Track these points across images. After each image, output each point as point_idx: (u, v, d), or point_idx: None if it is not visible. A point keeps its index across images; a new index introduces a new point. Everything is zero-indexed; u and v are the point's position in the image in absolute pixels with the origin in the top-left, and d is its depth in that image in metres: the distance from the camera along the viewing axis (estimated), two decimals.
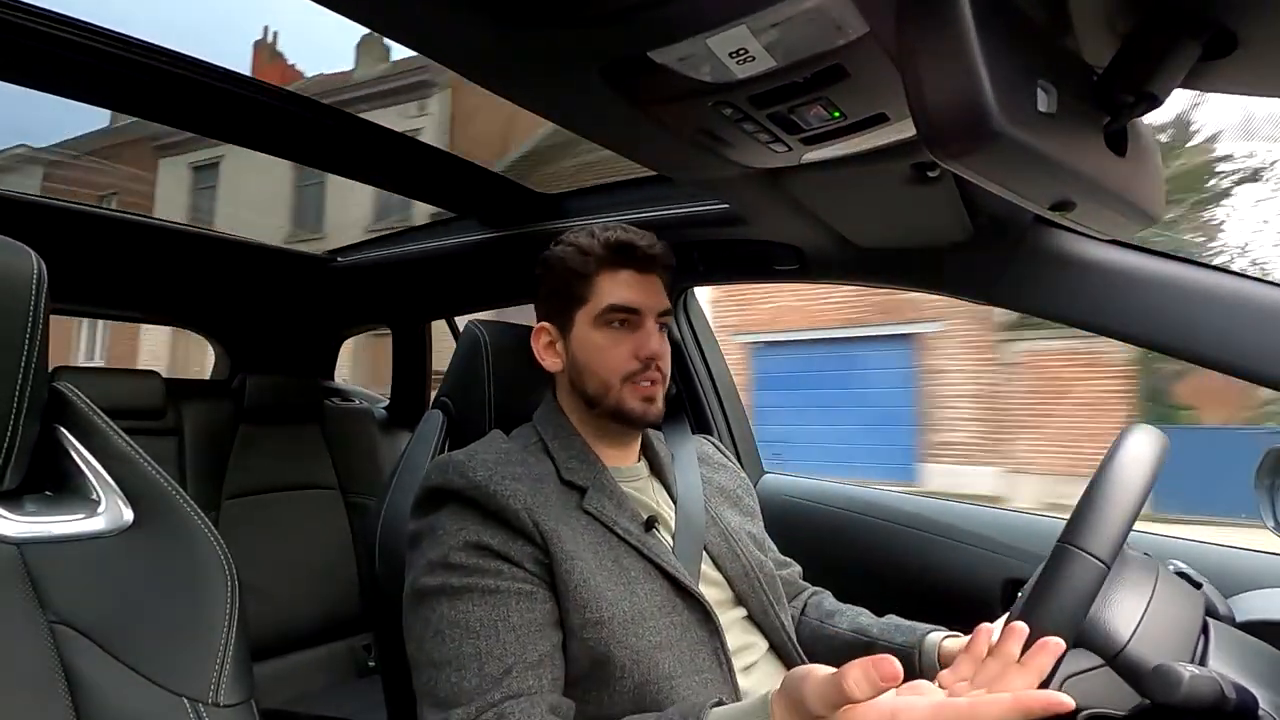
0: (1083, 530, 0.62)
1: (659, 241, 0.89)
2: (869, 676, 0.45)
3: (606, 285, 0.86)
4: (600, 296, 0.86)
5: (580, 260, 0.87)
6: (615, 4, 0.56)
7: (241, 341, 2.15)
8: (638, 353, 0.84)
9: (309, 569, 1.81)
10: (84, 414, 0.60)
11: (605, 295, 0.86)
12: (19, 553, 0.54)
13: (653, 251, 0.87)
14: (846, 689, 0.46)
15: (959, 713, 0.46)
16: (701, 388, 1.53)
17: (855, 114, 0.69)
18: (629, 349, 0.85)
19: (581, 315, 0.87)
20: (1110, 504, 0.63)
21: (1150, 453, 0.66)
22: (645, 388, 0.85)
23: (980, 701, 0.46)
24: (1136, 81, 0.54)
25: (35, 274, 0.53)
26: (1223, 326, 0.87)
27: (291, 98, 1.09)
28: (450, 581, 0.72)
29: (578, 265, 0.87)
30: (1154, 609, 0.67)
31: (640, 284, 0.87)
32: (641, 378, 0.85)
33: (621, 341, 0.85)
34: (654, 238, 0.89)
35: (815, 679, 0.49)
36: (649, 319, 0.86)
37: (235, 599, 0.59)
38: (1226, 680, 0.58)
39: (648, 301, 0.86)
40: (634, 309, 0.85)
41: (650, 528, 0.83)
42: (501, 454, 0.81)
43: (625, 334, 0.85)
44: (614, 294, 0.85)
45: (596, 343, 0.85)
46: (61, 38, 0.88)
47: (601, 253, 0.86)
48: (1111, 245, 0.95)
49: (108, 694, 0.52)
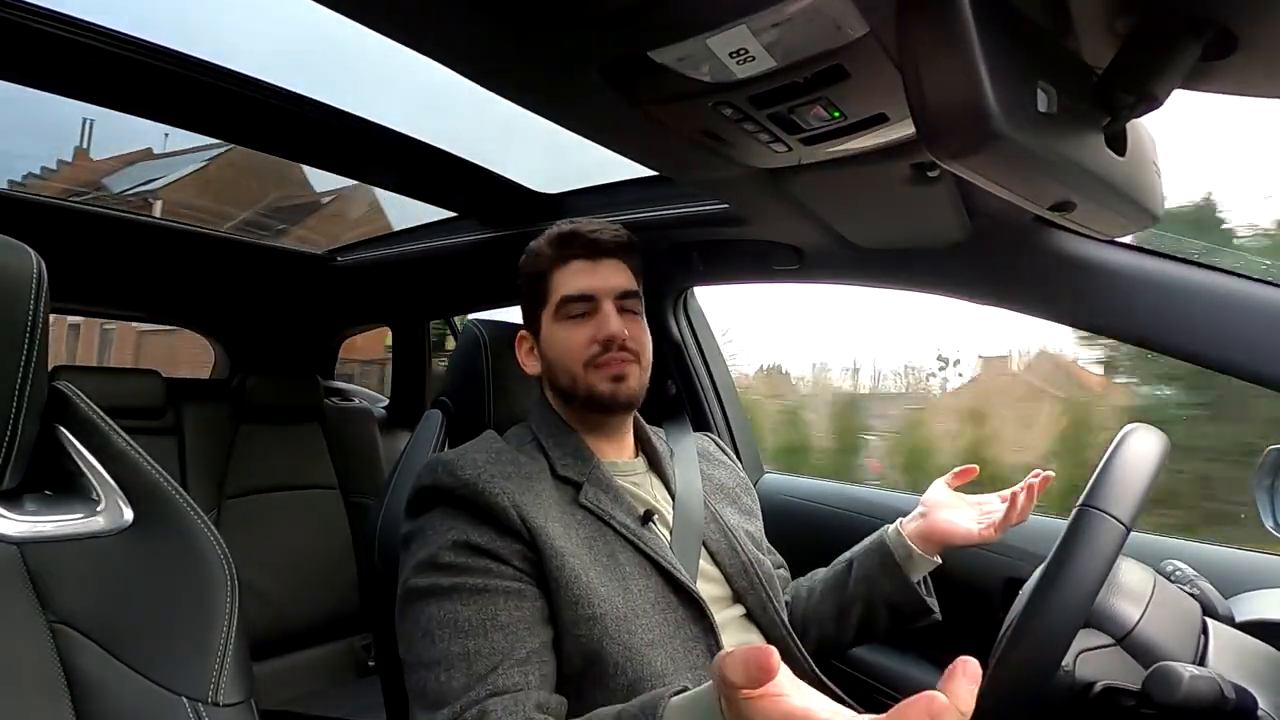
0: (1103, 493, 0.63)
1: (613, 227, 0.89)
2: (746, 666, 0.43)
3: (559, 279, 0.87)
4: (555, 292, 0.87)
5: (535, 263, 0.89)
6: (615, 4, 0.56)
7: (241, 341, 2.15)
8: (595, 336, 0.85)
9: (309, 569, 1.81)
10: (84, 414, 0.60)
11: (559, 289, 0.87)
12: (19, 552, 0.54)
13: (596, 236, 0.87)
14: (724, 673, 0.44)
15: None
16: (701, 388, 1.53)
17: (855, 114, 0.69)
18: (587, 335, 0.85)
19: (545, 315, 0.88)
20: (1128, 470, 0.64)
21: (1158, 437, 0.67)
22: (612, 367, 0.85)
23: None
24: (1136, 82, 0.54)
25: (35, 274, 0.53)
26: (1223, 326, 0.87)
27: (292, 98, 1.09)
28: (439, 582, 0.73)
29: (533, 268, 0.89)
30: (1158, 598, 0.68)
31: (591, 270, 0.87)
32: (603, 359, 0.85)
33: (580, 330, 0.86)
34: (606, 225, 0.89)
35: (718, 656, 0.47)
36: (605, 302, 0.86)
37: (235, 599, 0.59)
38: (1226, 680, 0.58)
39: (599, 285, 0.86)
40: (586, 295, 0.86)
41: (647, 522, 0.83)
42: (493, 453, 0.81)
43: (584, 322, 0.86)
44: (565, 285, 0.87)
45: (559, 336, 0.87)
46: (61, 36, 0.88)
47: (549, 250, 0.88)
48: (1111, 245, 0.95)
49: (108, 693, 0.52)
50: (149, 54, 0.95)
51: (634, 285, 0.89)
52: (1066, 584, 0.59)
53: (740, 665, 0.43)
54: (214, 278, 1.91)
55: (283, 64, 1.05)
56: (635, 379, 0.86)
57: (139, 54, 0.94)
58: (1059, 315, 1.01)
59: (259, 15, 1.23)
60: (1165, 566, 0.78)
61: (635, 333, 0.86)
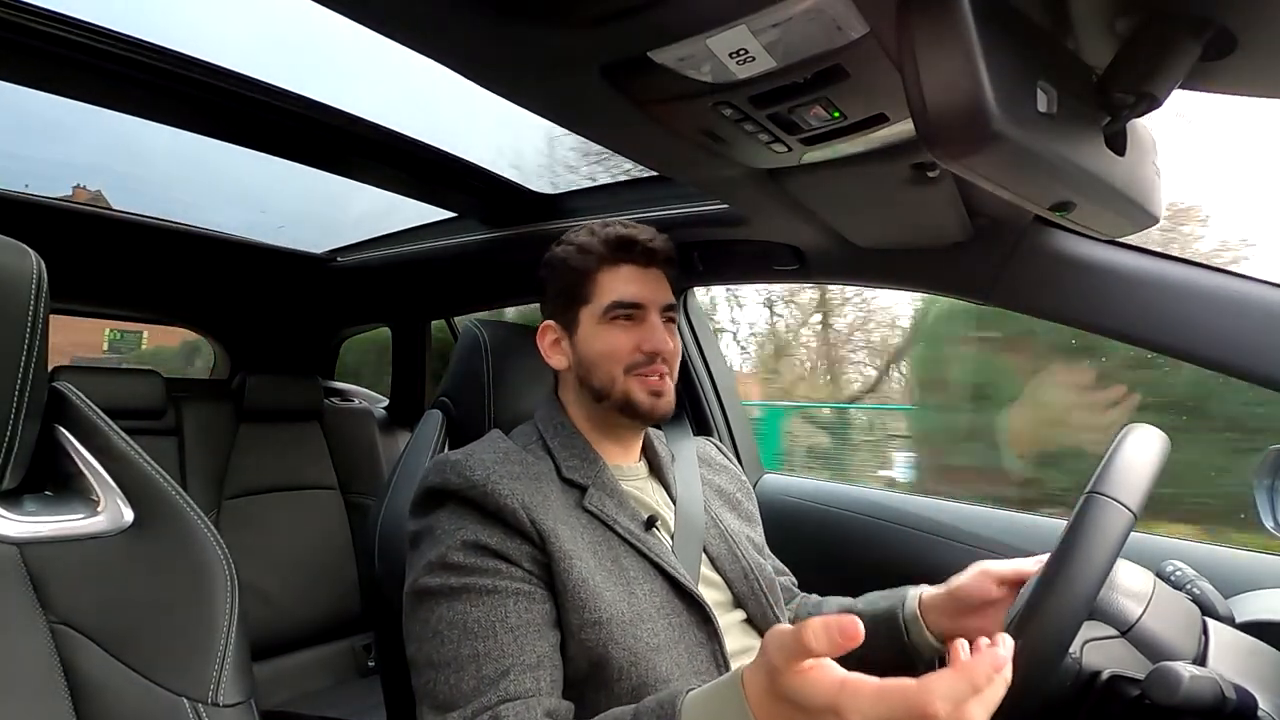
0: (1110, 480, 0.63)
1: (660, 235, 0.89)
2: (829, 631, 0.45)
3: (608, 282, 0.86)
4: (603, 294, 0.86)
5: (581, 259, 0.87)
6: (615, 4, 0.56)
7: (241, 341, 2.16)
8: (641, 345, 0.85)
9: (309, 569, 1.81)
10: (84, 414, 0.60)
11: (608, 292, 0.86)
12: (19, 553, 0.54)
13: (653, 246, 0.87)
14: (804, 639, 0.45)
15: (905, 691, 0.45)
16: (701, 388, 1.53)
17: (855, 114, 0.69)
18: (633, 341, 0.85)
19: (586, 313, 0.87)
20: (1133, 462, 0.64)
21: (1159, 436, 0.68)
22: (653, 381, 0.85)
23: (929, 678, 0.46)
24: (1136, 82, 0.54)
25: (35, 274, 0.53)
26: (1223, 326, 0.87)
27: (292, 98, 1.09)
28: (449, 582, 0.72)
29: (579, 264, 0.87)
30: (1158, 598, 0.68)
31: (642, 278, 0.87)
32: (646, 370, 0.85)
33: (627, 335, 0.85)
34: (655, 232, 0.89)
35: (778, 629, 0.49)
36: (653, 313, 0.86)
37: (235, 599, 0.59)
38: (1226, 681, 0.58)
39: (650, 296, 0.87)
40: (637, 304, 0.86)
41: (650, 527, 0.83)
42: (500, 453, 0.81)
43: (630, 328, 0.86)
44: (616, 290, 0.86)
45: (602, 338, 0.86)
46: (59, 36, 0.88)
47: (602, 250, 0.87)
48: (1111, 245, 0.95)
49: (108, 694, 0.52)
50: (149, 54, 0.95)
51: (674, 299, 0.90)
52: (1076, 567, 0.59)
53: (823, 631, 0.45)
54: (214, 278, 1.91)
55: (279, 62, 1.05)
56: (671, 396, 0.87)
57: (137, 54, 0.94)
58: (1059, 315, 1.01)
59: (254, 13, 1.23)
60: (1165, 567, 0.78)
61: (675, 347, 0.88)
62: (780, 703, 0.48)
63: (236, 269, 1.88)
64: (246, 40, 1.07)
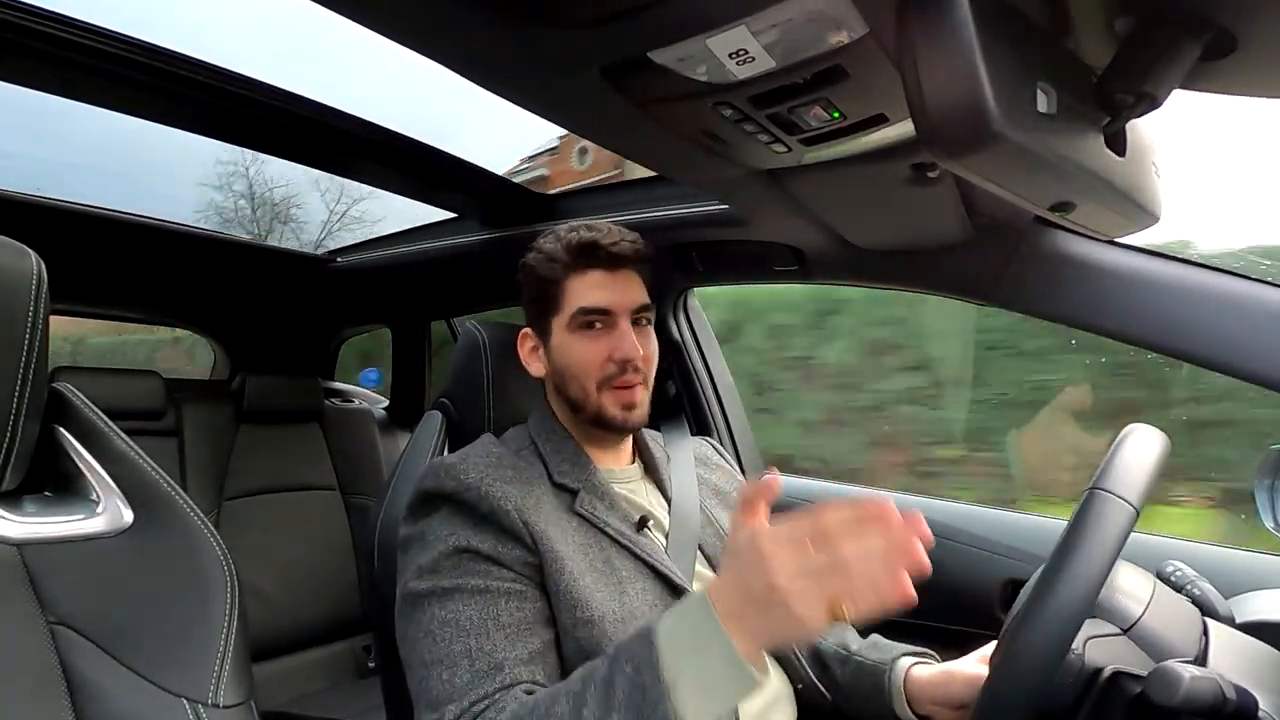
0: (1112, 476, 0.63)
1: (628, 235, 0.86)
2: (755, 485, 0.58)
3: (575, 288, 0.84)
4: (570, 301, 0.84)
5: (548, 267, 0.85)
6: (615, 4, 0.56)
7: (241, 341, 2.16)
8: (612, 354, 0.83)
9: (309, 569, 1.81)
10: (84, 414, 0.60)
11: (575, 299, 0.84)
12: (19, 553, 0.54)
13: (618, 249, 0.84)
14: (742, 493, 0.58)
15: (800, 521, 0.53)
16: (701, 388, 1.53)
17: (855, 114, 0.69)
18: (603, 352, 0.83)
19: (556, 322, 0.86)
20: (1134, 459, 0.65)
21: (1160, 435, 0.68)
22: (624, 394, 0.84)
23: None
24: (1136, 82, 0.54)
25: (35, 274, 0.53)
26: (1223, 327, 0.87)
27: (292, 98, 1.09)
28: (440, 584, 0.72)
29: (547, 273, 0.85)
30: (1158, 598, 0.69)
31: (609, 283, 0.85)
32: (619, 381, 0.83)
33: (596, 344, 0.84)
34: (623, 233, 0.86)
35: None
36: (622, 318, 0.84)
37: (235, 599, 0.59)
38: (1226, 681, 0.58)
39: (619, 300, 0.84)
40: (604, 309, 0.84)
41: (641, 528, 0.83)
42: (493, 458, 0.81)
43: (600, 335, 0.84)
44: (583, 296, 0.84)
45: (572, 348, 0.85)
46: (60, 37, 0.88)
47: (566, 257, 0.85)
48: (1111, 245, 0.95)
49: (107, 695, 0.52)
50: (148, 54, 0.95)
51: (648, 298, 0.88)
52: (1080, 560, 0.60)
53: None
54: (214, 278, 1.91)
55: (280, 63, 1.06)
56: (644, 405, 0.86)
57: (136, 54, 0.94)
58: (1059, 315, 1.01)
59: (254, 14, 1.23)
60: (1165, 567, 0.78)
61: (647, 350, 0.86)
62: (731, 586, 0.55)
63: (236, 269, 1.88)
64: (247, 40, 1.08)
